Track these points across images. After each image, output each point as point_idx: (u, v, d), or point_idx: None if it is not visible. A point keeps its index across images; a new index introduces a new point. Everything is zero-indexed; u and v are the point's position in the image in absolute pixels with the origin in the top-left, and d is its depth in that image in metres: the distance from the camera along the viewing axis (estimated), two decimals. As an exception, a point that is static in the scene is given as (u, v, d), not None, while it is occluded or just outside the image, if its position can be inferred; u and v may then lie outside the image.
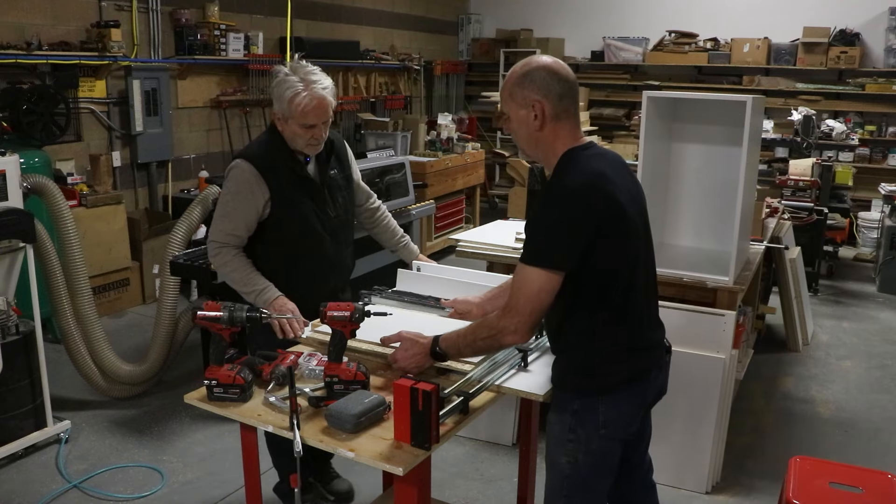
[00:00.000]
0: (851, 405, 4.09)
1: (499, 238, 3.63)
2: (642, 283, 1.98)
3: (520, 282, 1.83)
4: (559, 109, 1.88)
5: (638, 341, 1.98)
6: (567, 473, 1.99)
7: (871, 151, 8.12)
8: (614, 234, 1.84)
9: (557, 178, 1.89)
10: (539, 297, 1.81)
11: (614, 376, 1.94)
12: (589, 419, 1.93)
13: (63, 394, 3.94)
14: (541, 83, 1.87)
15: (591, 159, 1.89)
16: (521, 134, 1.94)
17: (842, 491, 2.31)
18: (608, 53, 9.31)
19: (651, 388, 2.05)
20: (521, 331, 1.84)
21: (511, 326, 1.84)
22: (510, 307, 1.84)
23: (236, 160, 2.52)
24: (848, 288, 6.31)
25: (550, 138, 1.91)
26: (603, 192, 1.82)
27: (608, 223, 1.82)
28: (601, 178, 1.84)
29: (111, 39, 5.24)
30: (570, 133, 1.92)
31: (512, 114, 1.93)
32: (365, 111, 8.07)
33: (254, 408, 1.96)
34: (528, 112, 1.89)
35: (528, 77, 1.88)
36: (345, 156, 2.74)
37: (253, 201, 2.48)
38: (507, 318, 1.85)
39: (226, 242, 2.52)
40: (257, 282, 2.49)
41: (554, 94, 1.87)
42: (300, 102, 2.40)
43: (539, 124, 1.89)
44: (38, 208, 3.87)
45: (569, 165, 1.88)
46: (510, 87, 1.92)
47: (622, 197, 1.86)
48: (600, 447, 1.96)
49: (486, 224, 4.10)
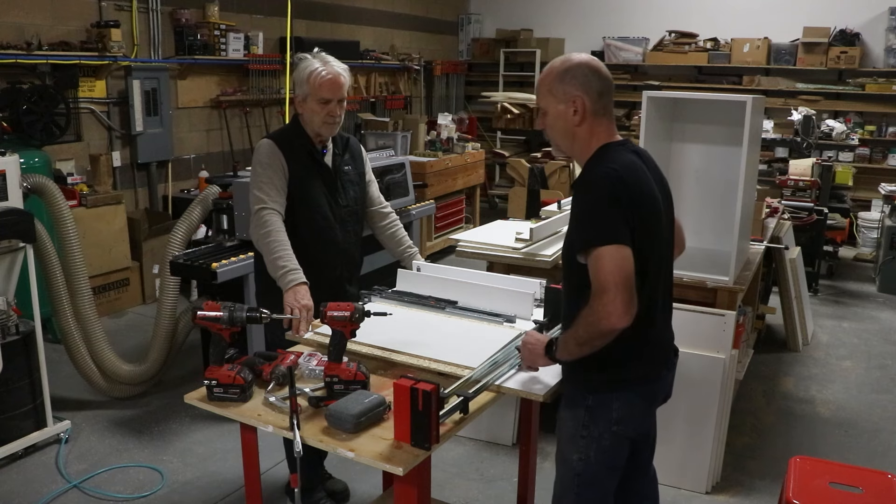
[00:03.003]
0: (851, 405, 4.09)
1: (499, 238, 3.63)
2: (662, 282, 2.00)
3: (595, 265, 1.79)
4: (598, 106, 1.91)
5: (653, 339, 2.00)
6: (579, 471, 2.00)
7: (871, 151, 8.12)
8: (644, 224, 1.86)
9: (593, 166, 1.91)
10: (620, 269, 1.76)
11: (629, 373, 1.95)
12: (602, 415, 1.95)
13: (63, 394, 3.94)
14: (582, 79, 1.89)
15: (625, 153, 1.91)
16: (558, 128, 1.95)
17: (842, 491, 2.31)
18: (608, 53, 9.31)
19: (661, 388, 2.07)
20: (618, 310, 1.75)
21: (606, 310, 1.76)
22: (596, 292, 1.78)
23: (260, 141, 2.68)
24: (848, 288, 6.31)
25: (587, 134, 1.93)
26: (638, 181, 1.86)
27: (641, 212, 1.84)
28: (636, 169, 1.88)
29: (111, 39, 5.25)
30: (606, 130, 1.94)
31: (550, 109, 1.95)
32: (365, 111, 8.08)
33: (254, 408, 1.96)
34: (568, 107, 1.91)
35: (569, 73, 1.90)
36: (359, 154, 2.86)
37: (281, 170, 2.59)
38: (598, 302, 1.77)
39: (270, 207, 2.53)
40: (288, 259, 2.45)
41: (594, 90, 1.90)
42: (317, 76, 2.55)
43: (578, 119, 1.91)
44: (38, 208, 3.88)
45: (605, 156, 1.90)
46: (550, 83, 1.93)
47: (654, 191, 1.90)
48: (612, 444, 1.97)
49: (486, 224, 4.10)
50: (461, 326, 2.44)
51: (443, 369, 2.11)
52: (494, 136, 9.60)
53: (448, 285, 2.63)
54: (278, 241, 2.47)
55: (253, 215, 2.55)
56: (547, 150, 7.41)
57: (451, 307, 2.55)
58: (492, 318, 2.47)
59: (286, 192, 2.59)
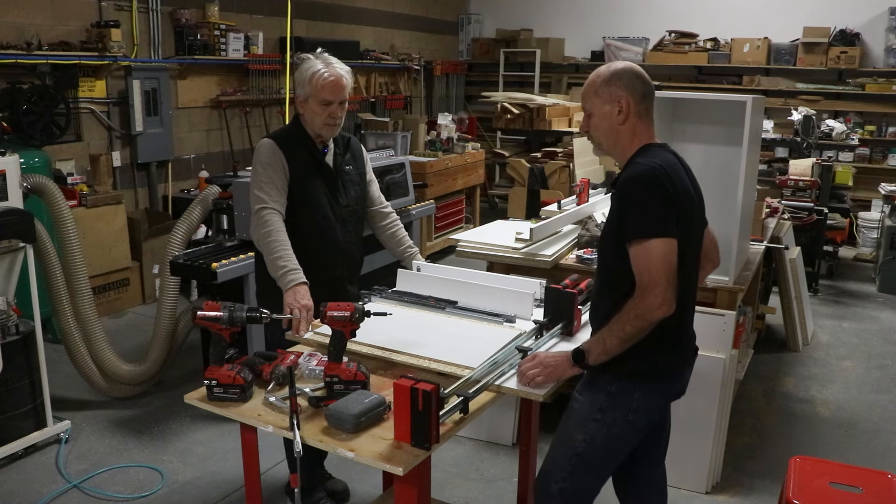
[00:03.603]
0: (851, 405, 4.09)
1: (499, 238, 3.63)
2: (693, 280, 2.08)
3: (643, 258, 1.87)
4: (641, 108, 2.02)
5: (681, 336, 2.08)
6: (579, 451, 2.05)
7: (871, 151, 8.12)
8: (684, 220, 1.94)
9: (635, 161, 1.97)
10: (668, 263, 1.86)
11: (657, 365, 2.02)
12: (622, 402, 2.01)
13: (63, 394, 3.94)
14: (628, 81, 2.00)
15: (665, 153, 2.00)
16: (603, 127, 2.04)
17: (842, 491, 2.31)
18: (608, 53, 9.31)
19: (678, 383, 2.13)
20: (668, 301, 1.85)
21: (657, 301, 1.85)
22: (646, 284, 1.86)
23: (261, 140, 2.68)
24: (848, 288, 6.31)
25: (629, 134, 2.03)
26: (679, 178, 1.95)
27: (681, 208, 1.93)
28: (677, 168, 1.97)
29: (111, 39, 5.25)
30: (646, 131, 2.04)
31: (596, 110, 2.04)
32: (365, 111, 8.08)
33: (254, 408, 1.96)
34: (613, 107, 2.01)
35: (616, 76, 2.01)
36: (360, 154, 2.87)
37: (281, 170, 2.59)
38: (649, 294, 1.85)
39: (270, 207, 2.53)
40: (288, 259, 2.44)
41: (638, 92, 2.01)
42: (319, 77, 2.55)
43: (623, 118, 2.01)
44: (38, 208, 3.88)
45: (647, 153, 1.99)
46: (597, 86, 2.03)
47: (691, 191, 1.99)
48: (623, 431, 2.03)
49: (486, 224, 4.10)
50: (461, 326, 2.44)
51: (443, 369, 2.11)
52: (494, 136, 9.60)
53: (448, 285, 2.63)
54: (278, 240, 2.47)
55: (253, 215, 2.55)
56: (547, 149, 7.41)
57: (451, 307, 2.55)
58: (492, 318, 2.47)
59: (287, 192, 2.59)
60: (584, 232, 3.63)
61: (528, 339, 2.26)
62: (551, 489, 2.10)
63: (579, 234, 3.64)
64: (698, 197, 2.08)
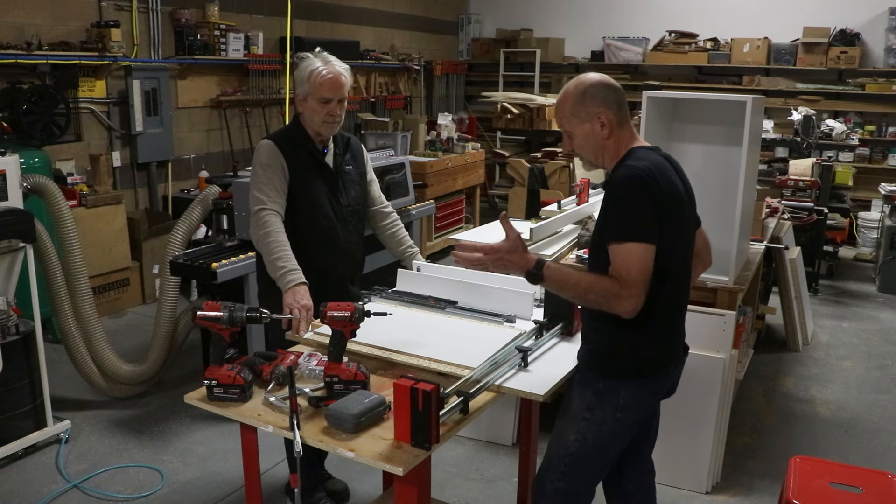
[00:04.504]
0: (851, 405, 4.09)
1: (499, 238, 3.61)
2: (684, 279, 2.09)
3: (621, 257, 1.87)
4: (620, 117, 2.02)
5: (669, 333, 2.09)
6: (572, 451, 2.06)
7: (871, 151, 8.12)
8: (672, 221, 1.94)
9: (623, 165, 1.97)
10: (644, 268, 1.87)
11: (643, 364, 2.02)
12: (609, 400, 2.02)
13: (63, 394, 3.94)
14: (601, 96, 2.00)
15: (654, 155, 2.00)
16: (589, 145, 2.04)
17: (842, 491, 2.31)
18: (608, 53, 9.31)
19: (667, 382, 2.13)
20: (636, 301, 1.86)
21: (627, 295, 1.85)
22: (625, 279, 1.86)
23: (261, 141, 2.68)
24: (848, 288, 6.30)
25: (615, 145, 2.03)
26: (667, 180, 1.94)
27: (669, 209, 1.93)
28: (665, 170, 1.96)
29: (111, 39, 5.24)
30: (630, 136, 2.06)
31: (576, 130, 2.04)
32: (365, 111, 8.07)
33: (254, 408, 1.96)
34: (594, 125, 2.01)
35: (586, 94, 2.00)
36: (360, 154, 2.87)
37: (280, 171, 2.59)
38: (625, 288, 1.85)
39: (270, 208, 2.53)
40: (288, 259, 2.44)
41: (613, 103, 2.01)
42: (317, 75, 2.56)
43: (607, 133, 2.01)
44: (38, 208, 3.88)
45: (634, 156, 1.98)
46: (571, 107, 2.02)
47: (680, 193, 1.99)
48: (613, 429, 2.04)
49: (486, 224, 4.10)
50: (461, 326, 2.44)
51: (443, 369, 2.11)
52: (494, 136, 9.59)
53: (448, 285, 2.64)
54: (278, 241, 2.47)
55: (252, 216, 2.55)
56: (547, 149, 7.40)
57: (451, 307, 2.56)
58: (492, 318, 2.47)
59: (286, 192, 2.59)
60: (584, 232, 3.63)
61: (528, 339, 2.27)
62: (547, 489, 2.11)
63: (579, 234, 3.64)
64: (689, 197, 2.07)
